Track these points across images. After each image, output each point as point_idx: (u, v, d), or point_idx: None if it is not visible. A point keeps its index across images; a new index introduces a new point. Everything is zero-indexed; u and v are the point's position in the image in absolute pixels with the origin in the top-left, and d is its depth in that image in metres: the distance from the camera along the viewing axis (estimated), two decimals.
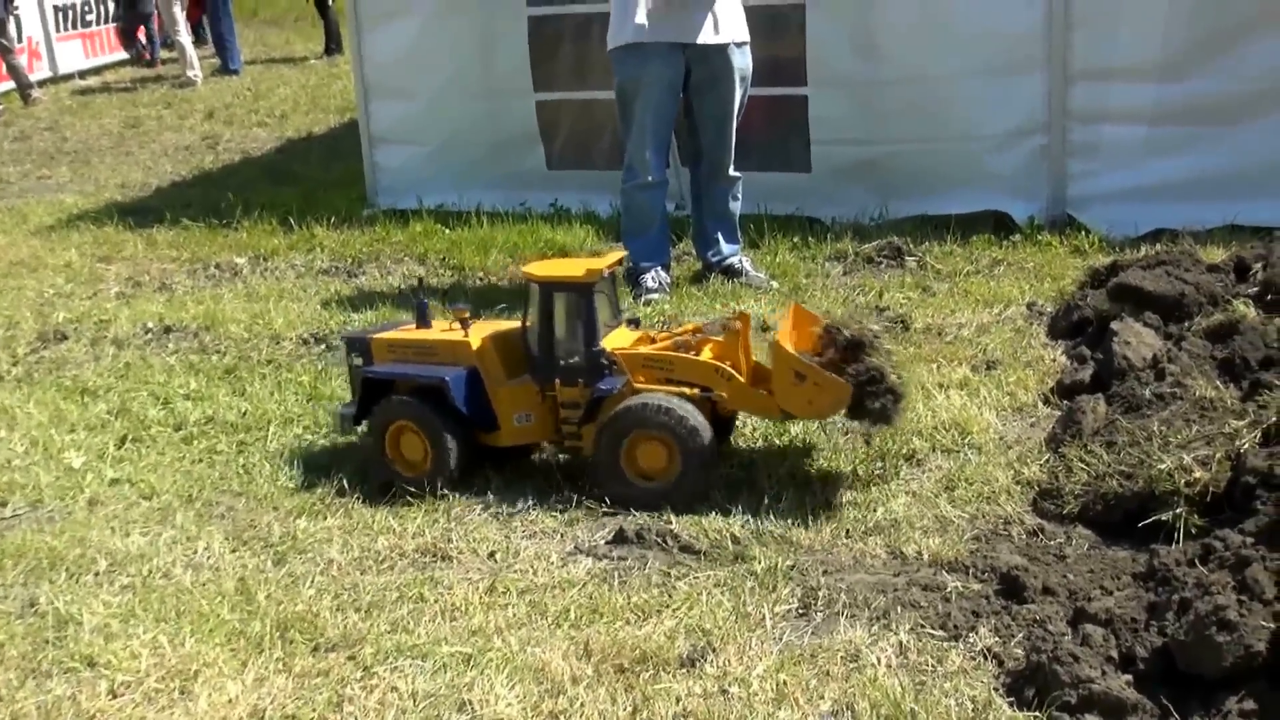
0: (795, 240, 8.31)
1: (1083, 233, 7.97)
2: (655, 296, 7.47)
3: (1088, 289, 6.66)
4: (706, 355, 4.96)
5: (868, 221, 8.55)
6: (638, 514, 4.72)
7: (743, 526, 4.60)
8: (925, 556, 4.33)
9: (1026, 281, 7.25)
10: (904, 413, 4.84)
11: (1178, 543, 4.15)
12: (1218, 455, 4.41)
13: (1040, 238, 7.97)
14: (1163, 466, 4.42)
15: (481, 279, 8.16)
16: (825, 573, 4.24)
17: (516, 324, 5.21)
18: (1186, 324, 5.79)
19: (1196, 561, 3.88)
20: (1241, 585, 3.53)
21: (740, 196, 7.87)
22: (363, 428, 5.26)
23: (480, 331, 5.13)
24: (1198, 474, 4.34)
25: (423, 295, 5.38)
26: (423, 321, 5.28)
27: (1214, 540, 3.95)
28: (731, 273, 7.76)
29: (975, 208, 8.38)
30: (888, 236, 8.15)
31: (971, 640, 3.79)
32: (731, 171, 7.76)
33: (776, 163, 8.99)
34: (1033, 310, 6.76)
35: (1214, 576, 3.64)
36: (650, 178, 7.55)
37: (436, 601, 4.19)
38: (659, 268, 7.74)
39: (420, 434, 5.00)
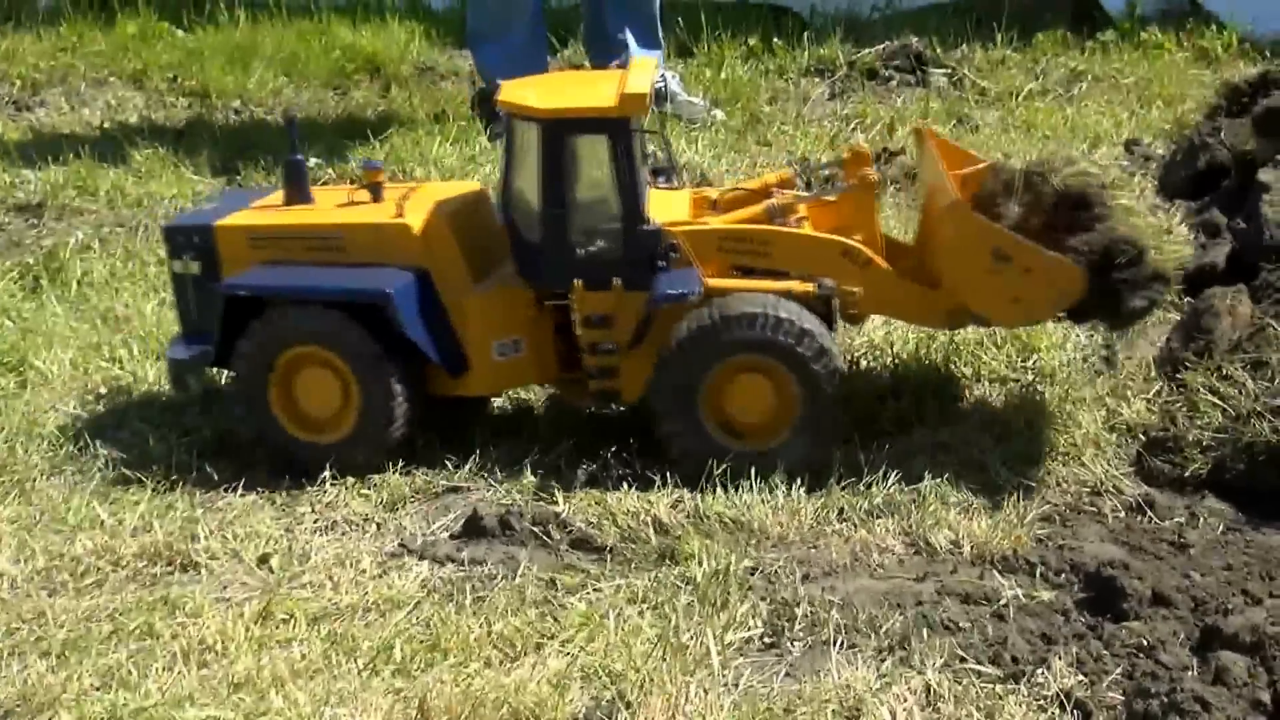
0: (752, 43, 8.28)
1: (1213, 27, 8.01)
2: None
3: (1222, 118, 6.70)
4: (808, 228, 4.93)
5: (869, 13, 8.53)
6: (503, 489, 4.75)
7: (673, 505, 4.60)
8: (966, 549, 4.37)
9: (1125, 107, 7.30)
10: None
11: None
12: None
13: (1145, 35, 8.01)
14: None
15: (238, 112, 8.07)
16: (806, 578, 4.27)
17: (470, 189, 5.14)
18: None
19: None
20: None
21: None
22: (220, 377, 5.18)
23: (419, 206, 4.96)
24: None
25: (297, 143, 5.17)
26: (300, 190, 5.12)
27: None
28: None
29: None
30: (900, 37, 8.14)
31: (1040, 680, 3.81)
32: None
33: None
34: (1135, 152, 6.80)
35: None
36: None
37: (175, 638, 4.14)
38: None
39: (340, 373, 4.86)
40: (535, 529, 4.56)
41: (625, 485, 4.72)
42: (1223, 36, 7.97)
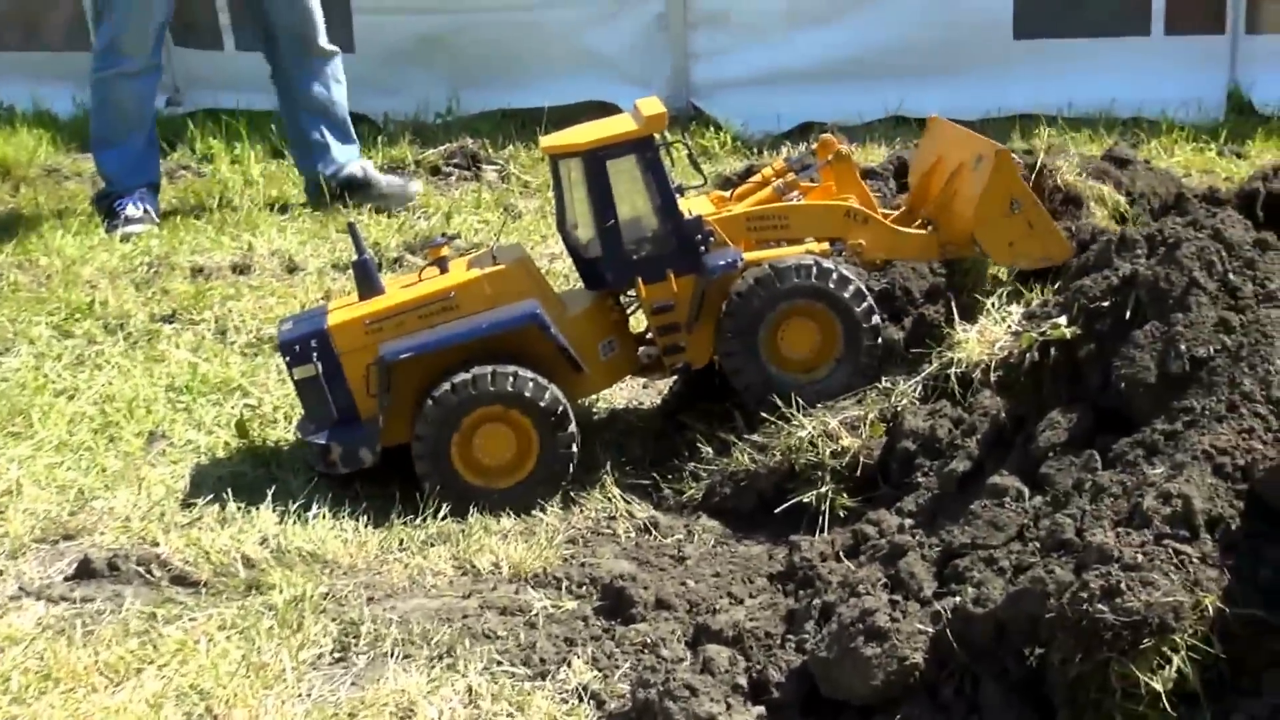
0: None
1: (711, 129, 8.22)
2: (138, 229, 7.26)
3: None
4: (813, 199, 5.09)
5: (432, 119, 8.57)
6: (110, 535, 4.69)
7: (260, 543, 4.57)
8: (504, 570, 4.41)
9: None
10: None
11: (823, 530, 4.38)
12: (870, 416, 4.66)
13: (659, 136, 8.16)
14: (803, 434, 4.63)
15: None
16: (371, 600, 4.26)
17: (515, 243, 5.34)
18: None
19: (843, 554, 4.10)
20: (895, 581, 3.74)
21: (344, 79, 7.77)
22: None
23: (505, 256, 4.95)
24: (845, 441, 4.57)
25: (363, 246, 5.06)
26: (370, 284, 4.94)
27: (866, 525, 4.19)
28: (355, 186, 7.62)
29: (574, 99, 8.51)
30: (458, 139, 8.20)
31: (563, 677, 3.87)
32: (323, 43, 7.65)
33: None
34: None
35: (862, 572, 3.85)
36: (138, 62, 7.33)
37: None
38: (144, 189, 7.53)
39: (515, 421, 4.72)
40: (139, 569, 4.47)
41: (220, 526, 4.66)
42: (719, 136, 8.18)
